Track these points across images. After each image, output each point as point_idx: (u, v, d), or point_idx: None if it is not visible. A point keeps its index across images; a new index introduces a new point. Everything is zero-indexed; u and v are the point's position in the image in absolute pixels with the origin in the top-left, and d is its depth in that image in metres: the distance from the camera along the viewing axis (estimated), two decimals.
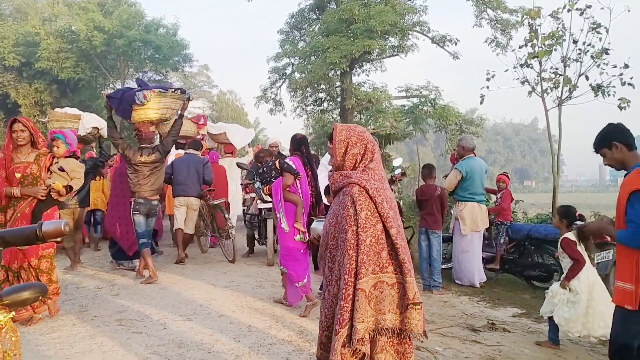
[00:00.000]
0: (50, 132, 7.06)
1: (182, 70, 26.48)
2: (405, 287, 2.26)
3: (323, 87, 17.23)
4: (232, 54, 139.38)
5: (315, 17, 18.19)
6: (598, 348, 3.96)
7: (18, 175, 4.12)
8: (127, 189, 6.10)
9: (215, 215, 7.47)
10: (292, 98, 18.76)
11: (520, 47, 7.59)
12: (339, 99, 17.09)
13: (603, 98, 6.95)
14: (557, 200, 7.46)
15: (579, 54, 7.10)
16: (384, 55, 16.47)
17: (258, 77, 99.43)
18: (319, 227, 4.25)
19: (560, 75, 7.30)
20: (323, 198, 5.30)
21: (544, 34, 7.28)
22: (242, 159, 9.77)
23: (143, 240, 5.87)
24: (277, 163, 5.03)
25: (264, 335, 3.95)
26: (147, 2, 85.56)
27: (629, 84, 6.77)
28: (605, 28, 6.88)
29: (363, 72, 17.51)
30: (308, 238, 4.66)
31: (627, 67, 6.78)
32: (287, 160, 4.91)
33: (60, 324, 4.18)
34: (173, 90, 6.06)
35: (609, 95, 6.93)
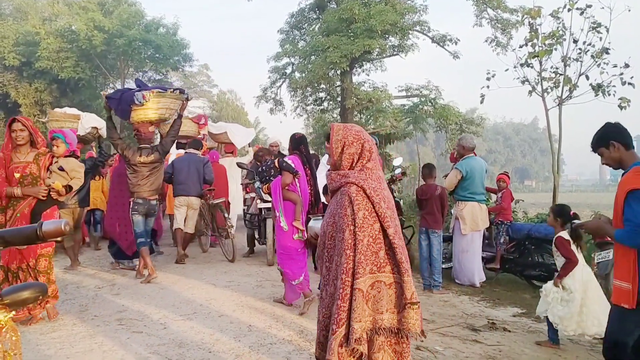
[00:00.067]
0: (50, 131, 7.07)
1: (182, 70, 26.49)
2: (403, 286, 2.26)
3: (323, 86, 17.19)
4: (232, 54, 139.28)
5: (316, 16, 18.17)
6: (598, 347, 3.93)
7: (17, 175, 4.09)
8: (125, 189, 6.10)
9: (215, 215, 7.48)
10: (292, 97, 18.75)
11: (521, 46, 7.59)
12: (339, 99, 17.06)
13: (603, 98, 6.94)
14: (557, 200, 7.43)
15: (579, 54, 7.09)
16: (384, 55, 16.44)
17: (258, 76, 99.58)
18: (316, 225, 4.27)
19: (561, 75, 7.29)
20: (322, 197, 5.31)
21: (544, 34, 7.27)
22: (242, 159, 9.78)
23: (141, 240, 5.88)
24: (276, 162, 5.04)
25: (264, 335, 3.96)
26: (147, 1, 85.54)
27: (629, 84, 6.76)
28: (606, 27, 6.87)
29: (363, 71, 17.48)
30: (306, 236, 4.68)
31: (627, 66, 6.77)
32: (286, 159, 4.92)
33: (61, 324, 4.18)
34: (172, 91, 6.06)
35: (609, 95, 6.92)
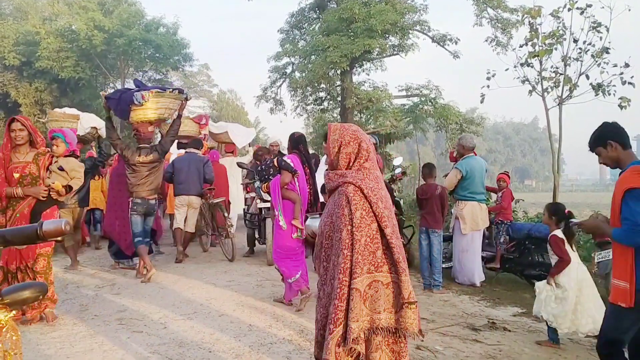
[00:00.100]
0: (50, 130, 7.07)
1: (182, 70, 26.49)
2: (400, 286, 2.26)
3: (323, 86, 17.19)
4: (232, 53, 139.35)
5: (316, 16, 18.17)
6: None
7: (16, 175, 4.05)
8: (124, 189, 6.11)
9: (215, 214, 7.49)
10: (292, 97, 18.76)
11: (521, 46, 7.60)
12: (339, 98, 17.06)
13: (603, 97, 6.95)
14: (557, 200, 7.45)
15: (580, 53, 7.10)
16: (384, 55, 16.44)
17: (258, 76, 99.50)
18: (314, 224, 4.27)
19: (561, 75, 7.30)
20: (320, 196, 5.32)
21: (545, 33, 7.28)
22: (242, 159, 9.78)
23: (138, 239, 5.89)
24: (275, 161, 5.05)
25: (265, 335, 3.96)
26: (147, 1, 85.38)
27: (630, 83, 6.77)
28: (606, 27, 6.88)
29: (363, 71, 17.49)
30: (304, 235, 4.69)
31: (627, 66, 6.78)
32: (285, 158, 4.93)
33: (61, 323, 4.18)
34: (171, 90, 6.06)
35: (610, 95, 6.93)
